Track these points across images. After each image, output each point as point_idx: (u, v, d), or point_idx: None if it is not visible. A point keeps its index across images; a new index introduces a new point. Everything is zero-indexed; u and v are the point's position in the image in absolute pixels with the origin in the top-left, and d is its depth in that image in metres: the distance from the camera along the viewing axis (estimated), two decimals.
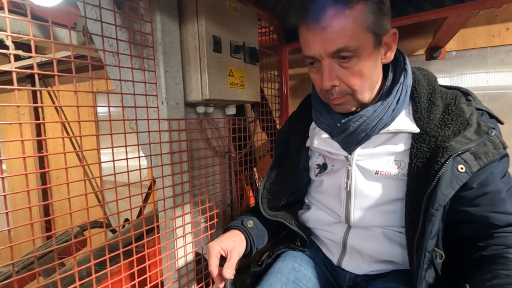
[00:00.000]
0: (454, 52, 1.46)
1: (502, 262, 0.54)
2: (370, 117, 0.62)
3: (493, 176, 0.57)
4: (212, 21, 0.83)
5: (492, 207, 0.58)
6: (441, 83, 0.67)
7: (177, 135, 0.82)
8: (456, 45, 1.45)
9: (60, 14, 0.66)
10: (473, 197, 0.58)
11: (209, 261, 0.68)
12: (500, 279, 0.51)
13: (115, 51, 0.68)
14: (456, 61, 1.46)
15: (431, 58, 1.45)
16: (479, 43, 1.42)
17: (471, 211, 0.59)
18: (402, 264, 0.68)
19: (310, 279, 0.73)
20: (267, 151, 1.36)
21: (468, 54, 1.44)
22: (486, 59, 1.41)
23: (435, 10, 0.94)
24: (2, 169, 0.50)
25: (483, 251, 0.58)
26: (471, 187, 0.57)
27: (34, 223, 0.54)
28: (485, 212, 0.59)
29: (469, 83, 1.45)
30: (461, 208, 0.60)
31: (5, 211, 0.49)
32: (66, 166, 0.57)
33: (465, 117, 0.59)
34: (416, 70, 0.68)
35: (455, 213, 0.60)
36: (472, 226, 0.61)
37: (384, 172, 0.64)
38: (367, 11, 0.55)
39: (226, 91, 0.90)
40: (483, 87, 1.43)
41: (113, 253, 0.66)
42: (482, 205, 0.59)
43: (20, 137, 0.50)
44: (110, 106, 0.76)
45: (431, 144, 0.59)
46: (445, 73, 1.49)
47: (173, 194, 0.81)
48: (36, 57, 0.52)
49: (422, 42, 1.48)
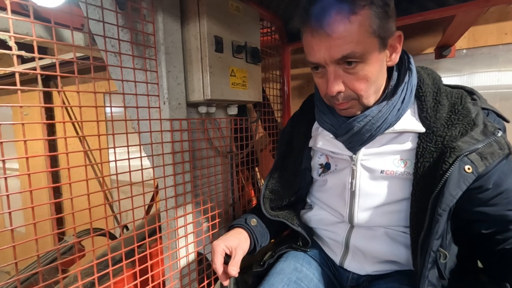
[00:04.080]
0: (464, 50, 1.42)
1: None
2: (375, 117, 0.62)
3: (505, 175, 0.59)
4: (214, 21, 0.83)
5: (509, 205, 0.60)
6: (451, 82, 0.67)
7: (179, 135, 0.82)
8: (467, 43, 1.41)
9: (65, 15, 0.66)
10: (490, 197, 0.59)
11: (214, 259, 0.68)
12: None
13: (117, 52, 0.68)
14: (467, 59, 1.42)
15: (440, 57, 1.42)
16: (490, 41, 1.36)
17: (488, 211, 0.61)
18: (405, 264, 0.67)
19: (312, 280, 0.72)
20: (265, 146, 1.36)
21: (479, 52, 1.40)
22: (498, 57, 1.37)
23: (439, 9, 0.93)
24: (5, 169, 0.51)
25: (504, 245, 0.60)
26: (487, 188, 0.58)
27: (42, 223, 0.54)
28: (502, 211, 0.60)
29: (480, 82, 1.40)
30: (476, 208, 0.61)
31: (8, 211, 0.49)
32: (68, 166, 0.57)
33: (471, 117, 0.59)
34: (420, 69, 0.67)
35: (468, 213, 0.62)
36: (488, 224, 0.63)
37: (390, 172, 0.64)
38: (372, 16, 0.54)
39: (228, 91, 0.90)
40: (494, 86, 1.38)
41: (115, 253, 0.66)
42: (499, 205, 0.60)
43: (25, 136, 0.50)
44: (112, 106, 0.77)
45: (438, 144, 0.59)
46: (455, 72, 1.44)
47: (175, 194, 0.81)
48: (38, 57, 0.52)
49: (431, 41, 1.45)
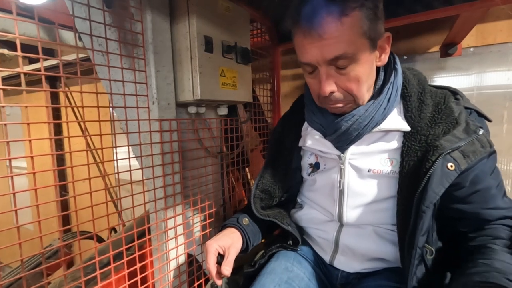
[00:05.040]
0: (472, 49, 1.35)
1: (484, 252, 0.57)
2: (362, 116, 0.63)
3: (483, 173, 0.59)
4: (204, 21, 0.83)
5: (484, 204, 0.61)
6: (459, 81, 0.67)
7: (169, 135, 0.81)
8: (475, 40, 1.34)
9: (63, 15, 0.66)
10: (465, 195, 0.60)
11: (207, 259, 0.67)
12: (478, 267, 0.53)
13: (105, 51, 0.67)
14: (475, 58, 1.36)
15: (446, 55, 1.37)
16: (500, 39, 1.30)
17: (464, 209, 0.61)
18: (393, 261, 0.69)
19: (302, 279, 0.73)
20: (255, 146, 1.36)
21: (487, 50, 1.34)
22: (508, 55, 1.30)
23: (443, 8, 0.93)
24: (15, 168, 0.52)
25: (471, 242, 0.61)
26: (463, 186, 0.59)
27: (49, 221, 0.56)
28: (478, 209, 0.61)
29: (489, 81, 1.33)
30: (454, 206, 0.62)
31: (13, 209, 0.50)
32: (72, 165, 0.60)
33: (454, 116, 0.60)
34: (406, 70, 0.69)
35: (448, 210, 0.63)
36: (465, 222, 0.64)
37: (377, 170, 0.65)
38: (363, 18, 0.55)
39: (218, 91, 0.90)
40: (504, 86, 1.32)
41: (103, 256, 0.65)
42: (474, 203, 0.61)
43: (31, 136, 0.52)
44: (99, 106, 0.75)
45: (422, 143, 0.60)
46: (463, 71, 1.36)
47: (165, 195, 0.80)
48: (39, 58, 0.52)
49: (438, 39, 1.39)
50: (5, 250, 0.51)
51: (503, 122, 1.30)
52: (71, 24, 0.65)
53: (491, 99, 1.32)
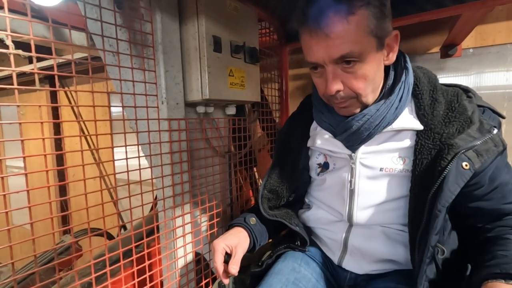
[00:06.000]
0: (471, 50, 1.39)
1: (502, 243, 0.58)
2: (373, 116, 0.62)
3: (499, 170, 0.60)
4: (213, 21, 0.83)
5: (503, 199, 0.62)
6: (458, 82, 0.68)
7: (177, 135, 0.82)
8: (474, 42, 1.38)
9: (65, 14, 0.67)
10: (485, 193, 0.61)
11: (215, 258, 0.68)
12: (497, 259, 0.53)
13: (115, 51, 0.68)
14: (474, 59, 1.39)
15: (446, 56, 1.40)
16: (499, 40, 1.33)
17: (483, 206, 0.62)
18: (403, 263, 0.68)
19: (310, 280, 0.72)
20: (263, 146, 1.36)
21: (486, 51, 1.37)
22: (507, 56, 1.33)
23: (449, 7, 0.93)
24: (12, 167, 0.52)
25: (488, 233, 0.62)
26: (483, 184, 0.60)
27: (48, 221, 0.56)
28: (497, 205, 0.62)
29: (488, 81, 1.38)
30: (473, 204, 0.62)
31: (4, 210, 0.50)
32: (73, 165, 0.60)
33: (468, 115, 0.60)
34: (416, 69, 0.68)
35: (465, 208, 0.63)
36: (482, 218, 0.64)
37: (389, 169, 0.65)
38: (369, 16, 0.55)
39: (226, 91, 0.90)
40: (502, 86, 1.35)
41: (112, 253, 0.66)
42: (493, 199, 0.61)
43: (24, 136, 0.51)
44: (110, 106, 0.76)
45: (436, 141, 0.60)
46: (462, 71, 1.40)
47: (173, 194, 0.81)
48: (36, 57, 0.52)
49: (438, 40, 1.42)
50: (5, 250, 0.50)
51: (502, 122, 1.33)
52: (79, 25, 0.66)
53: (490, 100, 1.35)
